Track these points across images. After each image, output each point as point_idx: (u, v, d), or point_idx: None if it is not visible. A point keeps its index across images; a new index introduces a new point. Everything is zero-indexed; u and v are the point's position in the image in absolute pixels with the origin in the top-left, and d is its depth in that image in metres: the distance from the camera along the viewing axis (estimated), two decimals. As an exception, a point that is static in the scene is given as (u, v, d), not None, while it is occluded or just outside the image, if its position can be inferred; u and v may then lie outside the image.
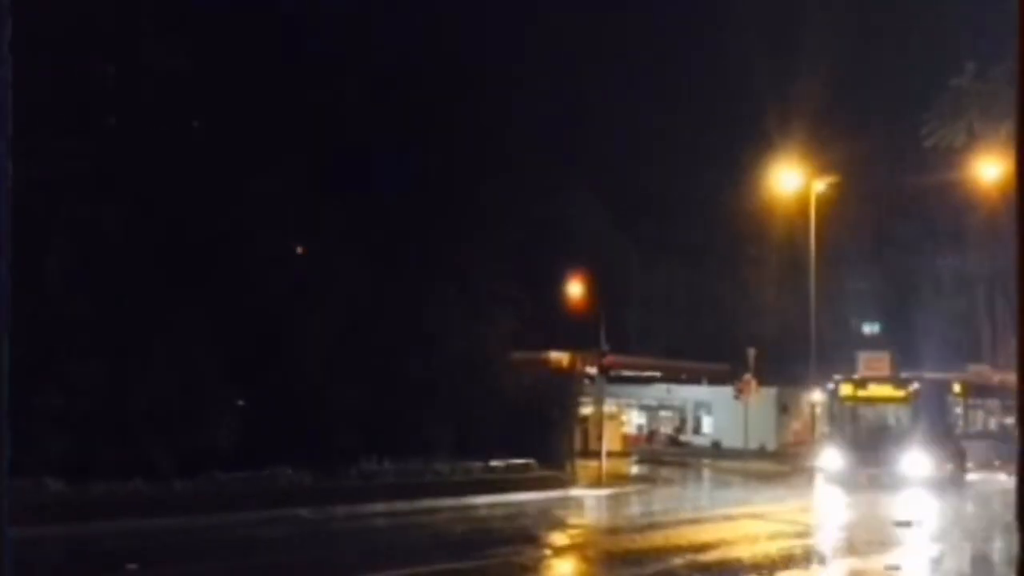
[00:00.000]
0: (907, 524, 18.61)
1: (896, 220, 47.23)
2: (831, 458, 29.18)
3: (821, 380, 39.95)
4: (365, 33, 27.60)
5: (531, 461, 27.12)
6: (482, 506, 21.67)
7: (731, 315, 48.44)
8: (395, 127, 27.40)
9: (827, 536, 19.09)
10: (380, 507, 19.88)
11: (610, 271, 52.99)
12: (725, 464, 38.14)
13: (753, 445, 40.77)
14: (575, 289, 45.33)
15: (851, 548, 16.23)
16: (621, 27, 42.70)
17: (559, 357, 34.80)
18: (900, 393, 29.45)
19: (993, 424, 31.85)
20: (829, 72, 38.59)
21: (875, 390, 30.08)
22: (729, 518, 20.32)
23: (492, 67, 31.02)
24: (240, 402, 22.74)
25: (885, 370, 36.47)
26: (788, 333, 41.49)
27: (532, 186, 34.61)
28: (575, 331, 35.52)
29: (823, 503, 26.35)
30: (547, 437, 29.31)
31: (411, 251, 27.57)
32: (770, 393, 41.80)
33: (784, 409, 42.50)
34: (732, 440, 42.09)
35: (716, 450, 42.69)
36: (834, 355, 40.69)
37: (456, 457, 25.60)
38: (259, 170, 23.96)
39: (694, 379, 50.01)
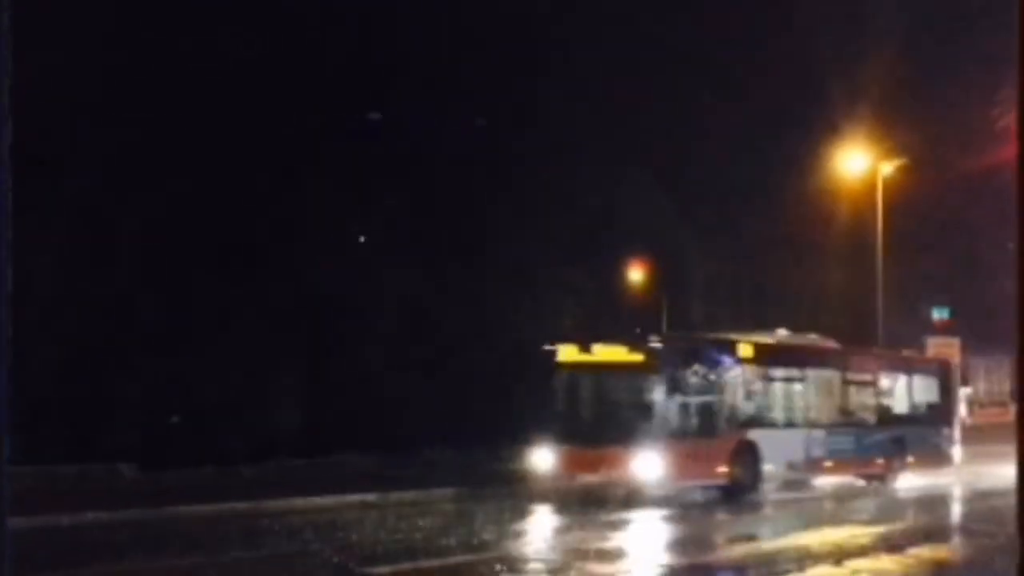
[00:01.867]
0: None
1: (967, 203, 46.18)
2: (541, 458, 19.76)
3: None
4: (426, 19, 27.66)
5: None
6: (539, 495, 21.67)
7: (796, 302, 47.83)
8: (457, 116, 27.50)
9: (894, 523, 18.73)
10: (445, 493, 20.00)
11: (672, 258, 52.63)
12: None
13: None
14: (636, 277, 45.14)
15: (919, 535, 15.94)
16: (682, 9, 42.23)
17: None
18: (637, 357, 19.08)
19: (834, 406, 23.19)
20: (897, 52, 37.82)
21: (603, 353, 19.66)
22: (794, 503, 20.18)
23: (552, 54, 30.94)
24: (303, 390, 23.05)
25: (955, 356, 35.66)
26: (855, 320, 40.86)
27: (592, 173, 34.51)
28: (637, 320, 35.34)
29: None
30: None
31: (472, 240, 27.69)
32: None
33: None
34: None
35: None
36: (902, 342, 40.03)
37: (520, 445, 25.65)
38: (319, 160, 24.24)
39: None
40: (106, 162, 20.45)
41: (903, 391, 25.69)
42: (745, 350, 20.99)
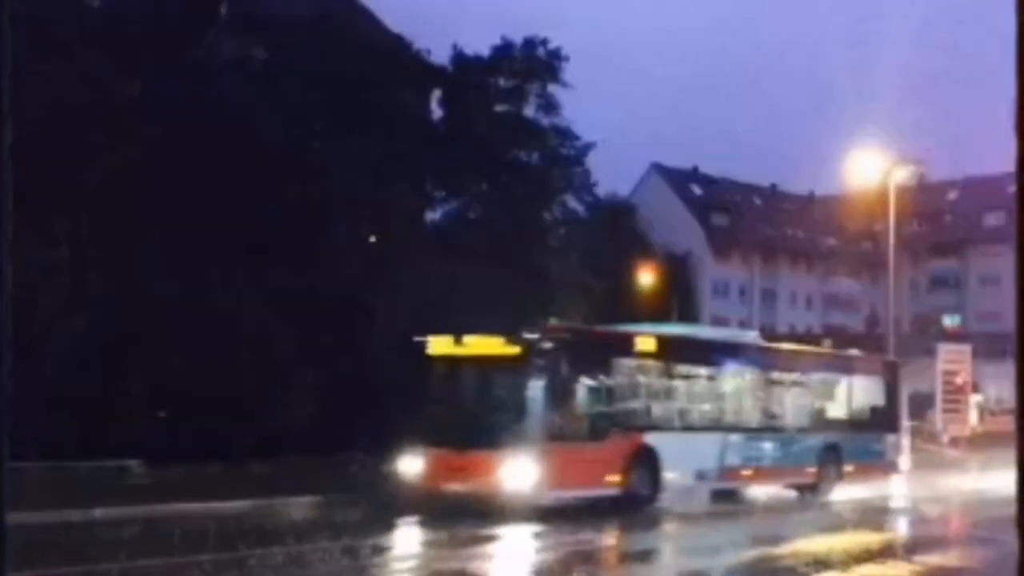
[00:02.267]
0: None
1: (981, 211, 46.06)
2: (409, 463, 17.47)
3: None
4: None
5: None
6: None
7: (808, 306, 47.79)
8: (465, 115, 27.54)
9: (903, 529, 18.66)
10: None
11: (684, 262, 52.52)
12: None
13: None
14: (647, 279, 45.11)
15: (928, 542, 15.88)
16: (697, 16, 42.19)
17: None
18: (511, 349, 16.65)
19: (755, 409, 21.05)
20: (912, 61, 37.75)
21: (476, 345, 17.28)
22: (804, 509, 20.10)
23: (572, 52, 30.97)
24: (312, 386, 23.05)
25: (965, 363, 35.41)
26: (867, 325, 40.78)
27: (605, 173, 34.54)
28: (648, 321, 35.30)
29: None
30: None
31: (481, 237, 27.71)
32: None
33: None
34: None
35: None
36: (914, 348, 39.91)
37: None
38: (329, 160, 24.31)
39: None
40: (115, 157, 20.56)
41: (841, 394, 23.19)
42: (644, 344, 18.46)
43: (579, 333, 19.07)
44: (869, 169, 36.75)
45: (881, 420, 23.84)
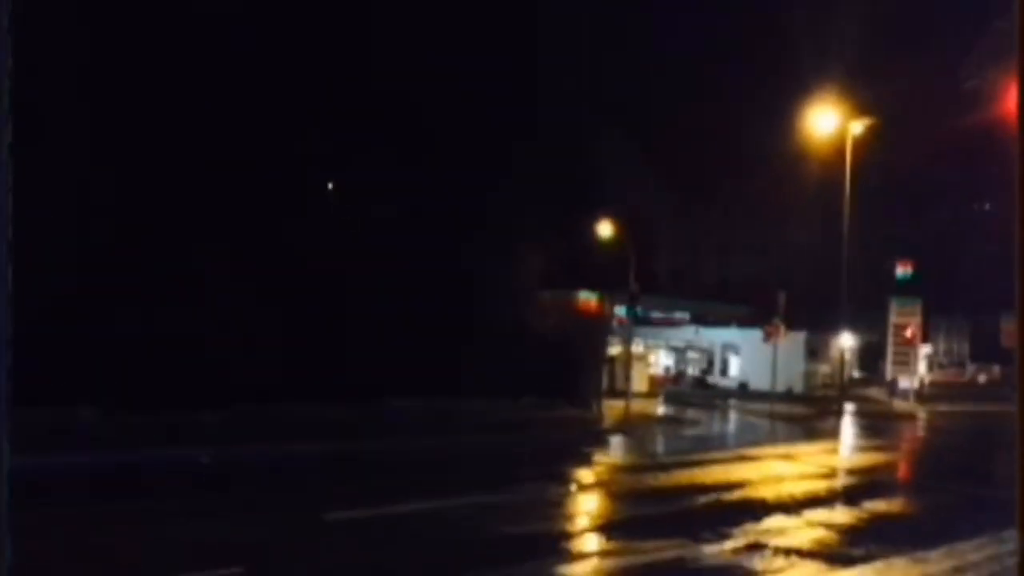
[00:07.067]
0: None
1: (934, 164, 46.58)
2: None
3: (852, 325, 39.82)
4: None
5: (559, 400, 27.30)
6: (507, 443, 21.89)
7: (763, 259, 48.23)
8: (432, 78, 27.22)
9: (851, 477, 19.15)
10: (408, 442, 20.14)
11: (642, 214, 52.62)
12: (752, 406, 38.22)
13: (780, 388, 40.77)
14: (605, 231, 45.19)
15: (874, 489, 16.29)
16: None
17: (588, 298, 34.81)
18: None
19: None
20: (869, 12, 37.84)
21: None
22: (755, 458, 20.42)
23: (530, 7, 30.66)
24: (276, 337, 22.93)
25: (916, 316, 36.05)
26: (820, 278, 41.30)
27: (565, 128, 34.40)
28: (605, 273, 35.50)
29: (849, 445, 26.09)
30: (575, 377, 29.47)
31: (445, 194, 27.56)
32: (799, 337, 41.66)
33: (813, 353, 42.38)
34: (759, 383, 42.14)
35: (743, 392, 42.76)
36: (867, 300, 40.53)
37: (486, 396, 25.81)
38: (296, 109, 24.01)
39: (723, 322, 49.99)
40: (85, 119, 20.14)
41: None
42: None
43: None
44: (827, 120, 36.95)
45: None
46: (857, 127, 36.56)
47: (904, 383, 42.44)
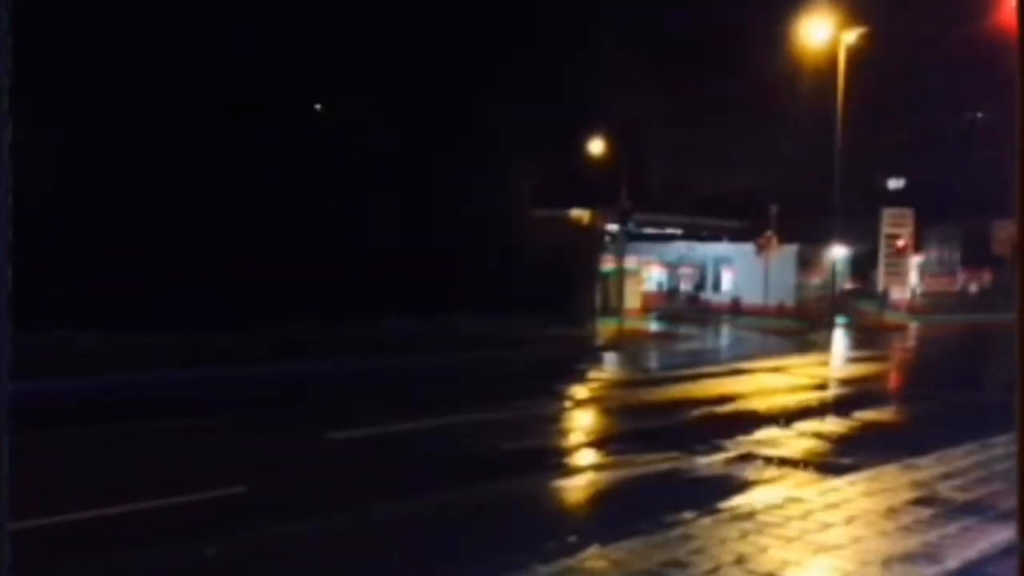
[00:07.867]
0: None
1: (926, 72, 46.11)
2: None
3: (844, 237, 39.89)
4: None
5: (553, 318, 27.42)
6: (503, 361, 22.07)
7: (755, 171, 47.99)
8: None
9: (843, 388, 19.42)
10: (403, 360, 20.31)
11: (633, 128, 52.22)
12: (745, 321, 38.50)
13: (773, 302, 41.01)
14: (597, 146, 44.92)
15: (866, 399, 16.53)
16: None
17: (580, 214, 34.77)
18: None
19: None
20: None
21: None
22: (747, 372, 20.66)
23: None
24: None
25: (908, 226, 36.08)
26: (812, 189, 41.17)
27: (556, 40, 33.86)
28: (597, 188, 35.36)
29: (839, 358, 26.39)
30: (568, 294, 29.57)
31: (434, 109, 27.25)
32: (791, 249, 41.72)
33: (805, 264, 42.43)
34: (752, 298, 42.36)
35: (736, 307, 42.98)
36: (858, 210, 40.51)
37: (482, 314, 25.91)
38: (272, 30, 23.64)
39: (715, 236, 49.99)
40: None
41: None
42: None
43: None
44: (820, 30, 36.50)
45: None
46: (850, 36, 36.14)
47: (896, 294, 42.70)
